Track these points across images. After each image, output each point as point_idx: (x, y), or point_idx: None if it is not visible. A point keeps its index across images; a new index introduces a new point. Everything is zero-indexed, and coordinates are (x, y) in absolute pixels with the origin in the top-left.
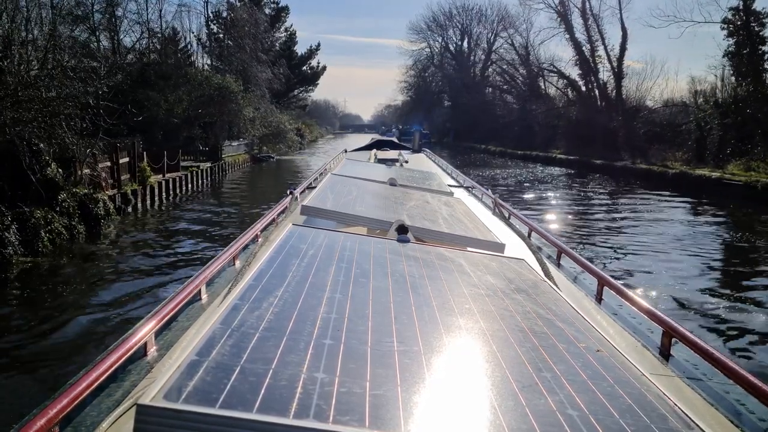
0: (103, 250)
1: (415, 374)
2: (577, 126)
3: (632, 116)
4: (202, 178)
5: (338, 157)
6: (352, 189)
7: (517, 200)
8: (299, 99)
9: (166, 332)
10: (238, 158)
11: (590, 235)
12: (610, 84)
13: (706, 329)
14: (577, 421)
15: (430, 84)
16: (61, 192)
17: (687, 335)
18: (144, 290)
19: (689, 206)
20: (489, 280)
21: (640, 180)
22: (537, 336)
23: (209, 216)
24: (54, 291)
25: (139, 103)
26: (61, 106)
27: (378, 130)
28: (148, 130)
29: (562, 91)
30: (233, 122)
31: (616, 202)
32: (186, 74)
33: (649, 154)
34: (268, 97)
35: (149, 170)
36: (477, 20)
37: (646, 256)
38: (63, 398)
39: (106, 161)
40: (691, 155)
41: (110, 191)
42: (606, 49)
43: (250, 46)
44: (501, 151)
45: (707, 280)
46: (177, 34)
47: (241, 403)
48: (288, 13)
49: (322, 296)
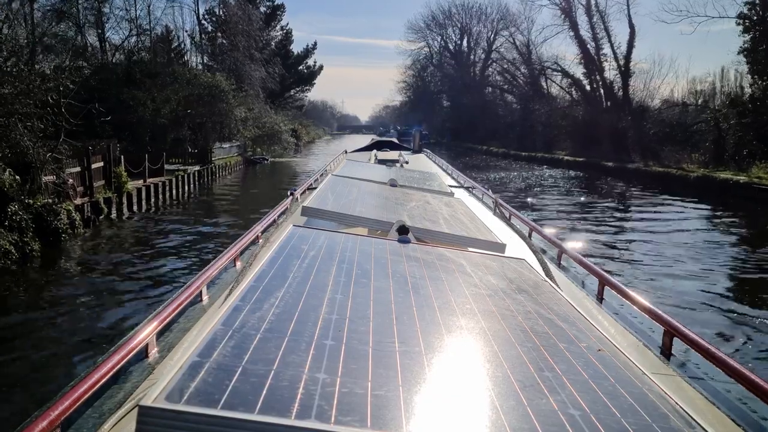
0: (57, 273)
1: (417, 374)
2: (584, 126)
3: (641, 116)
4: (189, 183)
5: (338, 158)
6: (352, 190)
7: (530, 208)
8: (295, 99)
9: (167, 333)
10: (229, 161)
11: (621, 250)
12: (617, 83)
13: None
14: (579, 420)
15: (429, 84)
16: (11, 203)
17: (688, 334)
18: (95, 334)
19: (715, 213)
20: (490, 280)
21: (656, 184)
22: (538, 336)
23: (192, 227)
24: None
25: (124, 102)
26: (16, 103)
27: (376, 131)
28: (134, 132)
29: (566, 90)
30: (224, 123)
31: (640, 210)
32: (174, 72)
33: (661, 156)
34: (262, 96)
35: (126, 176)
36: (477, 19)
37: (694, 276)
38: (64, 400)
39: (76, 166)
40: (708, 157)
41: (79, 200)
42: (612, 47)
43: (243, 43)
44: (503, 152)
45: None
46: (170, 33)
47: (242, 404)
48: (284, 12)
49: (323, 297)
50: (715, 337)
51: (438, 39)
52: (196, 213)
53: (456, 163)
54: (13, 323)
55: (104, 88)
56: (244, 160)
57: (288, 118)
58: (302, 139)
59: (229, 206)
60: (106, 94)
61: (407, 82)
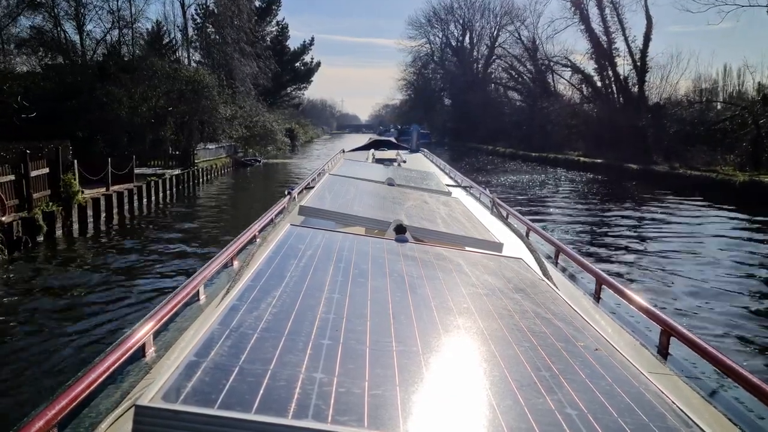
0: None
1: (414, 374)
2: (598, 125)
3: (659, 114)
4: (164, 190)
5: (336, 157)
6: (350, 189)
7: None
8: (292, 97)
9: (164, 333)
10: (215, 163)
11: (685, 279)
12: (631, 78)
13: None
14: (576, 420)
15: (430, 81)
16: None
17: (685, 334)
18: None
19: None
20: (487, 279)
21: (691, 189)
22: (535, 335)
23: (155, 247)
24: None
25: (98, 100)
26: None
27: (376, 130)
28: (111, 132)
29: (576, 87)
30: (208, 122)
31: (697, 225)
32: (152, 65)
33: (687, 157)
34: (254, 94)
35: (76, 184)
36: (480, 13)
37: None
38: (61, 399)
39: (8, 174)
40: (744, 158)
41: (8, 216)
42: (627, 41)
43: (233, 36)
44: (511, 152)
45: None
46: (161, 28)
47: (239, 404)
48: (279, 6)
49: (320, 296)
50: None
51: (439, 35)
52: (168, 226)
53: (461, 164)
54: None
55: (78, 84)
56: (234, 162)
57: (284, 117)
58: (299, 139)
59: (207, 220)
60: (79, 91)
61: (408, 79)
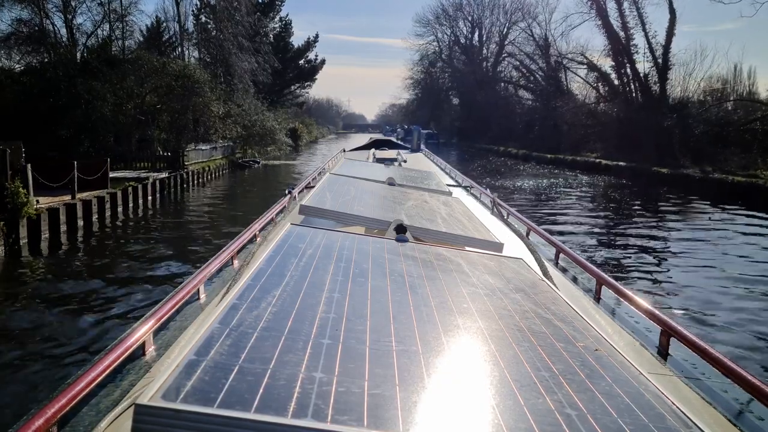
0: None
1: (414, 374)
2: (618, 125)
3: (684, 113)
4: (144, 197)
5: (337, 156)
6: (350, 188)
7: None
8: (296, 96)
9: (164, 332)
10: (209, 165)
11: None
12: (652, 76)
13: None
14: (576, 420)
15: (438, 80)
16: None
17: (685, 334)
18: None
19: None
20: (487, 279)
21: (735, 197)
22: (535, 335)
23: (121, 268)
24: None
25: (80, 97)
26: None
27: (382, 129)
28: (95, 131)
29: (592, 85)
30: (200, 120)
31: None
32: (139, 59)
33: (719, 160)
34: (253, 91)
35: (25, 193)
36: (490, 10)
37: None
38: (61, 398)
39: None
40: None
41: None
42: (647, 36)
43: (230, 30)
44: (524, 153)
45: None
46: (161, 24)
47: (239, 403)
48: (283, 1)
49: (320, 296)
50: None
51: (447, 32)
52: (136, 243)
53: (473, 166)
54: None
55: (58, 79)
56: (230, 164)
57: (288, 116)
58: (303, 139)
59: (190, 233)
60: (58, 87)
61: (415, 78)
